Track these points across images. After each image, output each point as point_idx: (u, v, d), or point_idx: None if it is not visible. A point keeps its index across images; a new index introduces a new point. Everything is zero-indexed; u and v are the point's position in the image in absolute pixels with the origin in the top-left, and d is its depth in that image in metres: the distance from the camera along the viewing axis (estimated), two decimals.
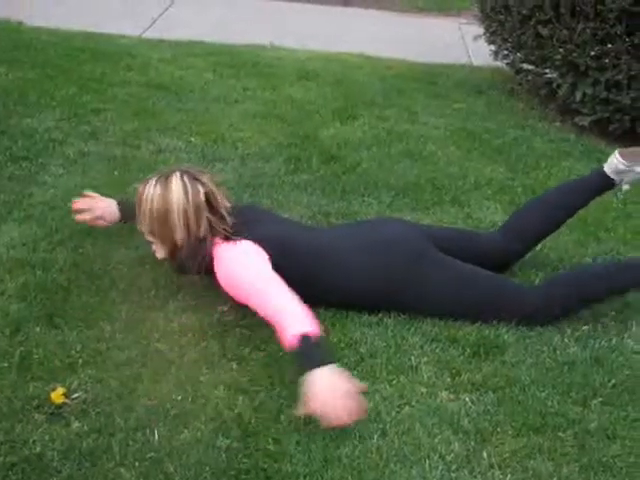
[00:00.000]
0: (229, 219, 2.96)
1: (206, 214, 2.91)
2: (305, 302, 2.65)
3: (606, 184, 3.39)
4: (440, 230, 3.38)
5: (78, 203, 3.31)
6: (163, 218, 2.90)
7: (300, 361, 2.46)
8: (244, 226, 2.95)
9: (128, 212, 3.21)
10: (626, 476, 2.36)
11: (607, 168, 3.36)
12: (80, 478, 2.23)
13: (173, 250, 2.97)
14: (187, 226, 2.90)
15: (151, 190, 2.92)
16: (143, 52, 6.11)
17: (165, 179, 2.92)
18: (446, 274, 3.03)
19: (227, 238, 2.90)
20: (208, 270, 2.93)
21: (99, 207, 3.31)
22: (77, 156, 4.18)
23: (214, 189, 2.97)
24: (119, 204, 3.32)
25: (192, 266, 2.95)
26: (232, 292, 2.85)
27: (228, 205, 3.01)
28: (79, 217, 3.30)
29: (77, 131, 4.50)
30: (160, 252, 3.03)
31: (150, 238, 3.02)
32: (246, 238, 2.89)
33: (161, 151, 4.35)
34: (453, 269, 3.04)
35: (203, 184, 2.93)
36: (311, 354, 2.45)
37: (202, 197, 2.91)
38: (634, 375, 2.80)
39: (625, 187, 3.42)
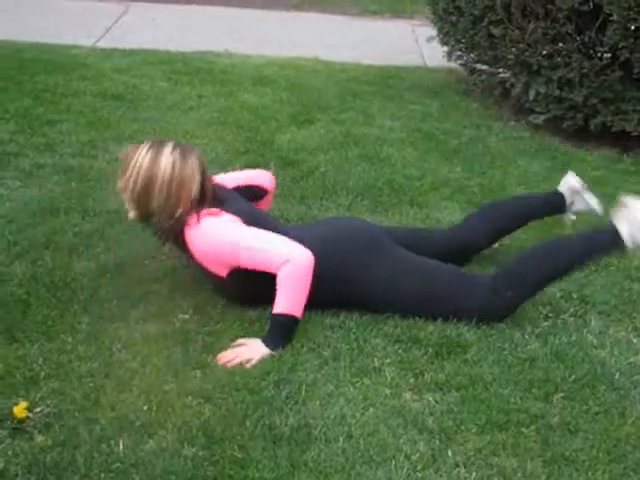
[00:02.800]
0: (209, 197, 3.00)
1: (188, 192, 2.94)
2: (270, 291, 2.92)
3: (558, 202, 3.56)
4: (396, 229, 3.43)
5: None
6: (146, 185, 2.93)
7: (269, 330, 2.87)
8: (222, 202, 3.01)
9: None
10: (589, 469, 2.39)
11: (562, 186, 3.58)
12: None
13: (144, 216, 3.02)
14: (166, 199, 2.94)
15: (142, 155, 2.95)
16: (97, 62, 6.07)
17: (157, 148, 2.96)
18: (403, 265, 3.07)
19: (205, 212, 2.96)
20: (180, 243, 3.01)
21: None
22: (33, 168, 4.15)
23: (202, 167, 3.00)
24: None
25: (161, 236, 3.04)
26: (214, 259, 2.94)
27: (211, 183, 3.05)
28: None
29: (32, 143, 4.47)
30: (131, 213, 3.05)
31: (126, 198, 3.03)
32: (223, 210, 2.97)
33: (118, 161, 4.31)
34: (410, 260, 3.10)
35: (192, 161, 2.97)
36: (275, 332, 2.85)
37: (188, 175, 2.94)
38: (594, 369, 2.84)
39: (572, 217, 3.60)
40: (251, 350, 2.80)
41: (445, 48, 6.04)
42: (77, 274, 3.20)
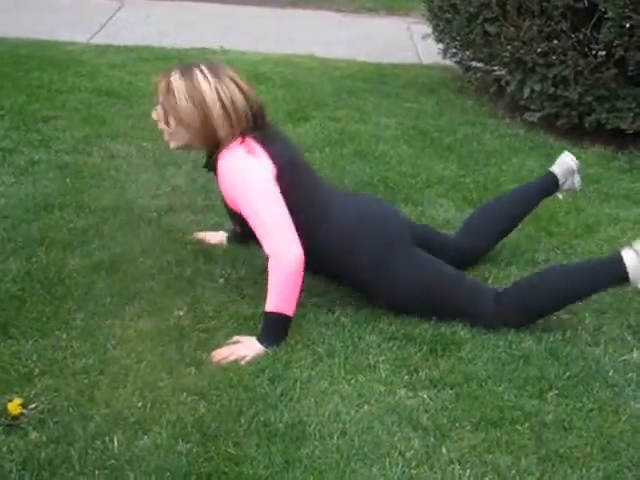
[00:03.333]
0: (259, 118, 2.95)
1: (241, 108, 2.88)
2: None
3: (552, 186, 3.56)
4: (415, 228, 3.34)
5: None
6: (203, 113, 2.87)
7: (262, 328, 2.86)
8: (268, 139, 2.94)
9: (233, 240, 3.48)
10: (583, 466, 2.39)
11: (557, 167, 3.56)
12: None
13: (210, 145, 2.95)
14: (228, 121, 2.87)
15: (181, 83, 2.88)
16: (92, 58, 6.07)
17: (189, 73, 2.88)
18: (416, 267, 3.04)
19: (248, 142, 2.89)
20: (212, 164, 2.97)
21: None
22: (28, 165, 4.14)
23: (238, 83, 2.91)
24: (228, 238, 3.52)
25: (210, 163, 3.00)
26: (225, 191, 2.94)
27: (258, 104, 2.96)
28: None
29: (27, 139, 4.46)
30: (175, 142, 3.02)
31: (167, 128, 3.00)
32: (266, 151, 2.90)
33: (113, 157, 4.33)
34: (432, 264, 3.08)
35: (227, 80, 2.89)
36: (268, 330, 2.84)
37: (229, 92, 2.88)
38: (588, 366, 2.84)
39: (559, 195, 3.63)
40: (246, 347, 2.80)
41: (440, 46, 6.05)
42: (71, 270, 3.20)
